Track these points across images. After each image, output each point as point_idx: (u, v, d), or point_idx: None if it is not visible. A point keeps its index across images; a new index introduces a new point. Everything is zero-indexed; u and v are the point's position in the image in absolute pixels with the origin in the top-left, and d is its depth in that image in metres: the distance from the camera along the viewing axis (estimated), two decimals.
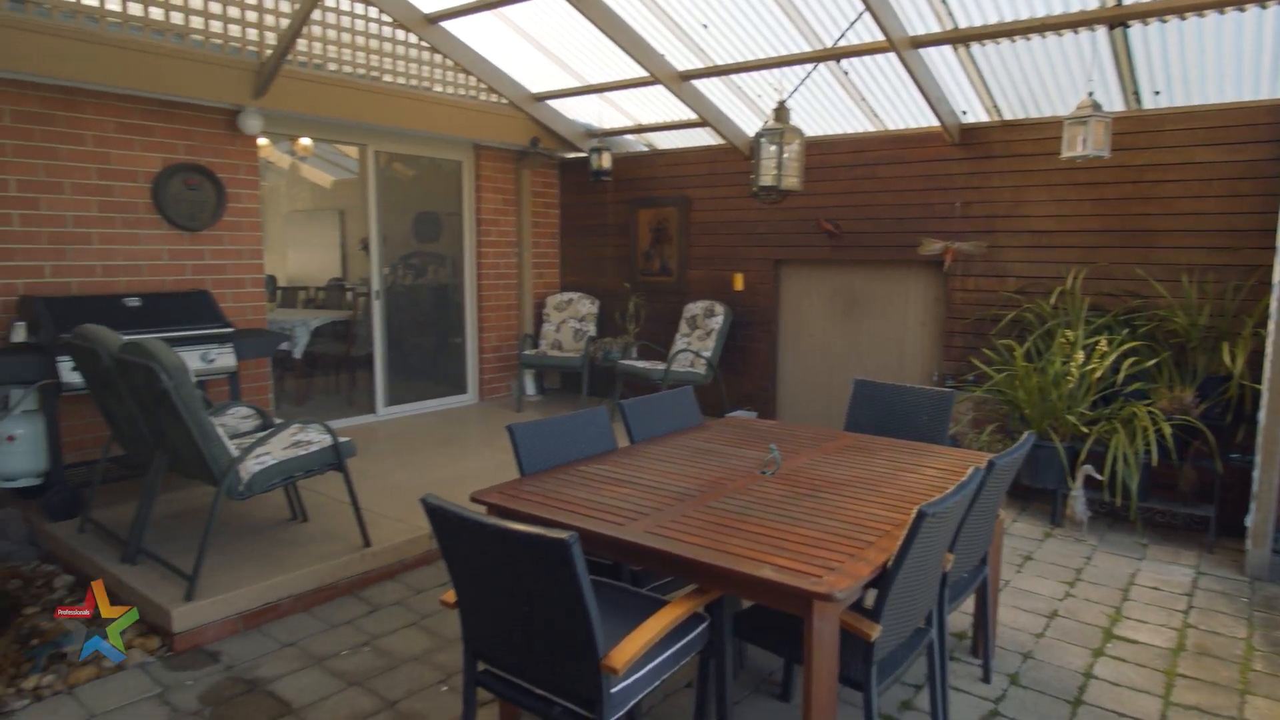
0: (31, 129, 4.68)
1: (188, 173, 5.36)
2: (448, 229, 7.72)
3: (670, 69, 5.92)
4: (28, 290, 4.70)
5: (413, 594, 3.88)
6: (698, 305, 7.13)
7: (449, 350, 7.78)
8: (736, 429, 3.75)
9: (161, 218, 5.28)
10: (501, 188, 7.66)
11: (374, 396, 7.00)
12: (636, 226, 7.69)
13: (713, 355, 6.84)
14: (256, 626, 3.52)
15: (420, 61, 6.40)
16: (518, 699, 2.16)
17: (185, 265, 5.43)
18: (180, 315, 4.80)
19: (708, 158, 7.17)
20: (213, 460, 3.38)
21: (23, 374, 4.17)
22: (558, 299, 7.95)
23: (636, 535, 2.30)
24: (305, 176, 10.35)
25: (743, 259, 7.06)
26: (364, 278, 9.62)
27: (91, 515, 4.19)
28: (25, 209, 4.70)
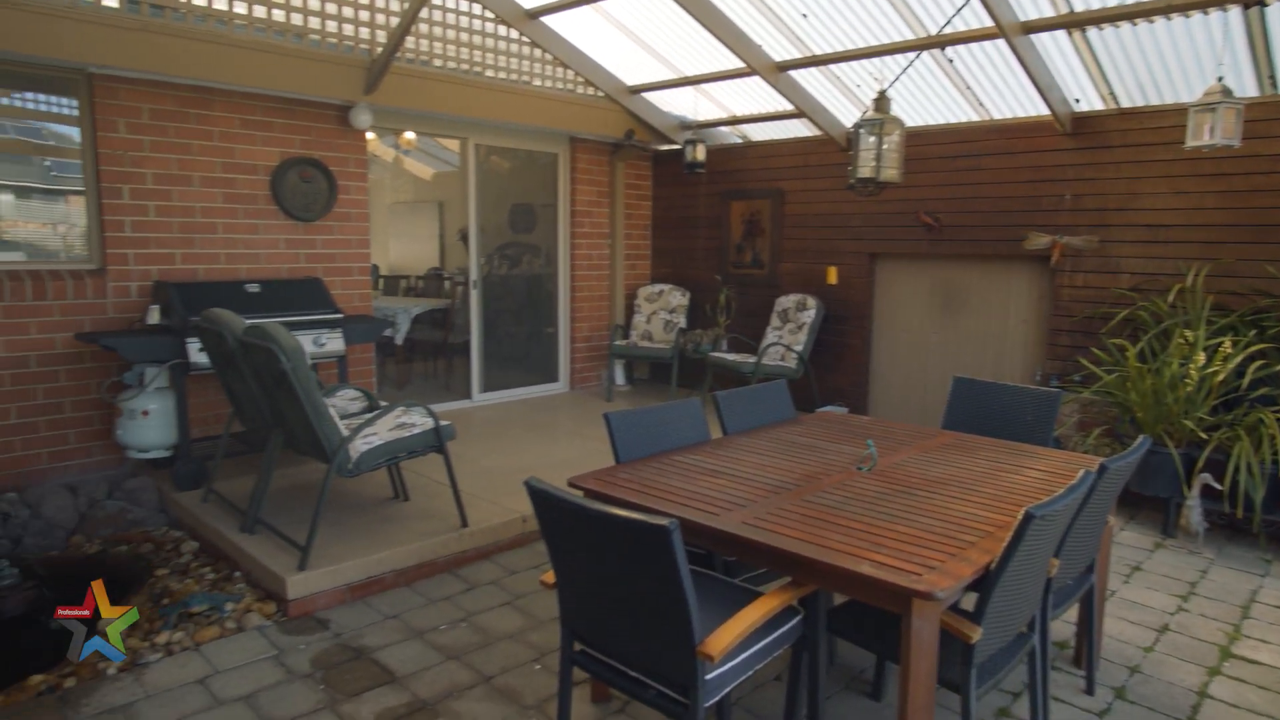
0: (166, 126, 5.03)
1: (303, 166, 5.64)
2: (542, 221, 7.87)
3: (767, 59, 5.87)
4: (161, 276, 5.06)
5: (507, 574, 4.01)
6: (789, 299, 7.07)
7: (541, 339, 7.95)
8: (831, 424, 3.72)
9: (278, 209, 5.58)
10: (596, 180, 7.76)
11: (470, 383, 7.23)
12: (729, 219, 7.66)
13: (804, 349, 6.76)
14: (362, 598, 3.70)
15: (520, 56, 6.54)
16: (612, 679, 2.22)
17: (299, 254, 5.73)
18: (295, 301, 5.07)
19: (802, 149, 7.08)
20: (325, 439, 3.57)
21: (156, 354, 4.50)
22: (649, 290, 8.00)
23: (733, 526, 2.32)
24: (407, 169, 10.73)
25: (836, 252, 6.94)
26: (461, 267, 9.93)
27: (214, 487, 4.49)
28: (160, 200, 5.05)
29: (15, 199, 4.95)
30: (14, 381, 4.60)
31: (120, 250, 4.92)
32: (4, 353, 4.55)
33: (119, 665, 3.09)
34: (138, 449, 4.65)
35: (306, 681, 3.03)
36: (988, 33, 4.86)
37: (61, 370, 4.76)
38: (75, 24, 4.36)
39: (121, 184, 4.89)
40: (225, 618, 3.43)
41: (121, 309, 4.93)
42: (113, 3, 4.53)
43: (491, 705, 2.89)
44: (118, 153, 4.86)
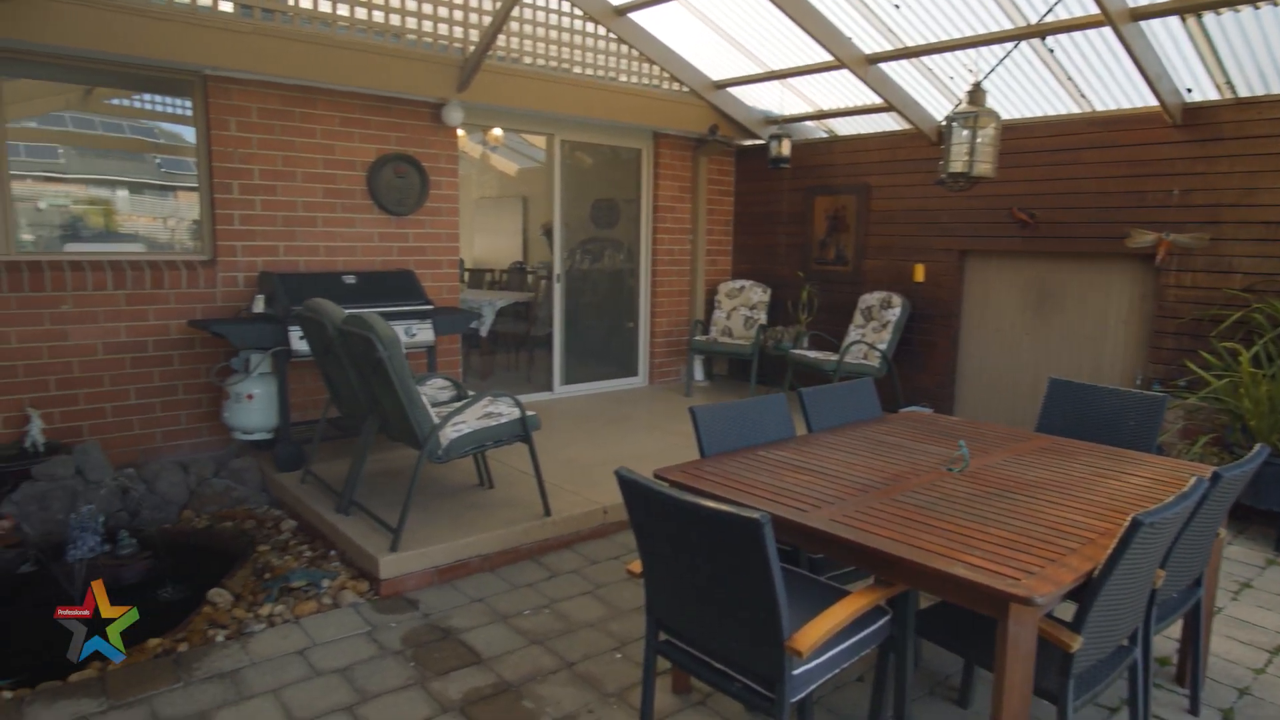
0: (273, 124, 5.27)
1: (397, 162, 5.83)
2: (624, 216, 7.93)
3: (857, 52, 5.77)
4: (265, 267, 5.32)
5: (588, 564, 4.07)
6: (874, 296, 6.93)
7: (621, 334, 8.01)
8: (919, 424, 3.64)
9: (374, 203, 5.78)
10: (678, 175, 7.77)
11: (551, 375, 7.35)
12: (812, 214, 7.56)
13: (888, 348, 6.63)
14: (449, 580, 3.82)
15: (607, 53, 6.60)
16: (697, 670, 2.24)
17: (392, 247, 5.93)
18: (388, 292, 5.25)
19: (890, 144, 6.93)
20: (418, 425, 3.69)
21: (261, 340, 4.73)
22: (729, 286, 7.97)
23: (821, 523, 2.31)
24: (493, 165, 10.96)
25: (924, 249, 6.78)
26: (544, 262, 10.10)
27: (311, 469, 4.70)
28: (265, 195, 5.30)
29: (131, 194, 5.28)
30: (134, 365, 4.92)
31: (229, 242, 5.20)
32: (126, 337, 4.87)
33: (226, 633, 3.28)
34: (242, 431, 4.90)
35: (397, 658, 3.15)
36: (1093, 20, 4.66)
37: (175, 355, 5.06)
38: (193, 28, 4.62)
39: (231, 180, 5.16)
40: (322, 594, 3.59)
41: (229, 298, 5.20)
42: (227, 7, 4.78)
43: (574, 690, 2.95)
44: (229, 150, 5.12)
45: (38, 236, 4.84)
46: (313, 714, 2.78)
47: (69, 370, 4.72)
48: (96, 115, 5.14)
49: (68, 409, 4.73)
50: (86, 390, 4.78)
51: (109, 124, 5.18)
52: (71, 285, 4.67)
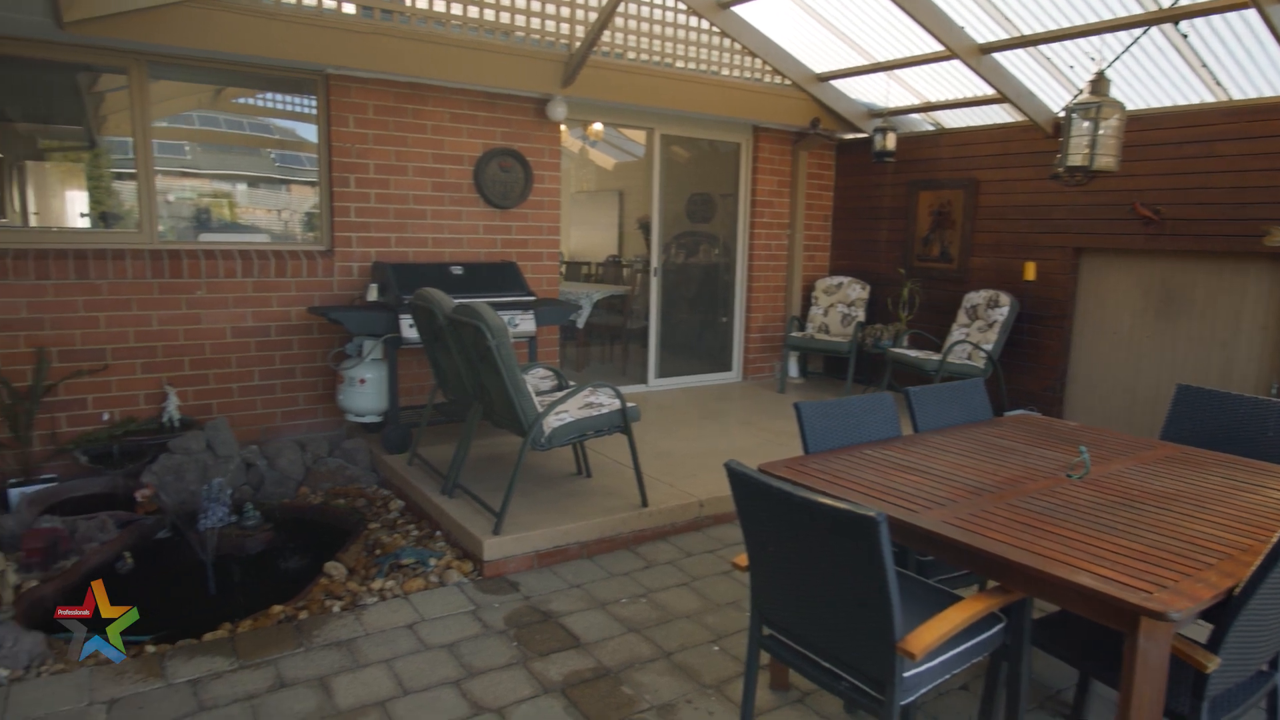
0: (387, 120, 5.49)
1: (502, 156, 5.98)
2: (720, 210, 7.91)
3: (969, 41, 5.57)
4: (378, 258, 5.55)
5: (683, 556, 4.09)
6: (979, 294, 6.70)
7: (715, 328, 8.00)
8: (1032, 427, 3.51)
9: (479, 196, 5.95)
10: (778, 169, 7.69)
11: (646, 368, 7.41)
12: (915, 210, 7.36)
13: (994, 348, 6.39)
14: (548, 566, 3.91)
15: (709, 46, 6.59)
16: (802, 667, 2.23)
17: (495, 239, 6.09)
18: (493, 283, 5.40)
19: (1000, 136, 6.67)
20: (523, 413, 3.79)
21: (374, 328, 4.95)
22: (827, 283, 7.85)
23: (933, 524, 2.26)
24: (591, 159, 11.09)
25: (1035, 246, 6.50)
26: (639, 255, 10.17)
27: (418, 451, 4.88)
28: (379, 189, 5.53)
29: (251, 188, 5.61)
30: (258, 348, 5.22)
31: (345, 234, 5.45)
32: (252, 322, 5.17)
33: (341, 604, 3.46)
34: (354, 413, 5.14)
35: (501, 638, 3.25)
36: (1234, 2, 4.37)
37: (295, 340, 5.34)
38: (317, 30, 4.85)
39: (349, 174, 5.40)
40: (429, 572, 3.74)
41: (345, 286, 5.45)
42: (350, 9, 5.00)
43: (671, 680, 2.98)
44: (347, 145, 5.36)
45: (170, 228, 5.19)
46: (423, 685, 2.90)
47: (201, 351, 5.05)
48: (223, 114, 5.47)
49: (199, 388, 5.07)
50: (216, 371, 5.10)
51: (232, 121, 5.51)
52: (205, 273, 4.99)
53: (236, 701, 2.78)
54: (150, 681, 2.88)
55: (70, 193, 5.55)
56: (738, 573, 3.89)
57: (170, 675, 2.92)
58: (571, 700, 2.84)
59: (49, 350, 4.60)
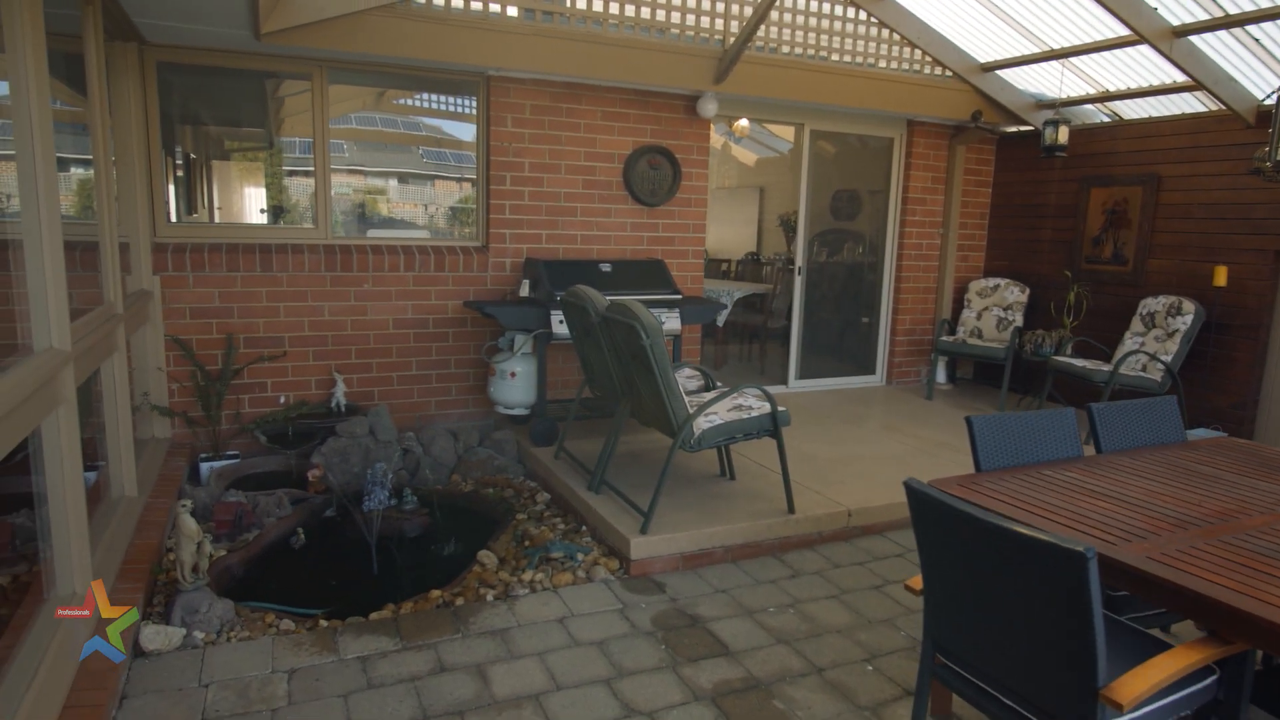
0: (542, 119, 5.62)
1: (652, 154, 6.00)
2: (867, 207, 7.64)
3: (1160, 24, 5.10)
4: (530, 254, 5.69)
5: (831, 567, 3.97)
6: (1158, 301, 6.14)
7: (858, 330, 7.74)
8: (1236, 453, 3.17)
9: (628, 194, 6.00)
10: (932, 165, 7.34)
11: (787, 368, 7.26)
12: (1085, 208, 6.84)
13: (1173, 360, 5.85)
14: (693, 568, 3.89)
15: (865, 38, 6.35)
16: (980, 703, 2.09)
17: (642, 236, 6.12)
18: (640, 280, 5.43)
19: (1190, 128, 6.08)
20: (674, 414, 3.78)
21: (526, 323, 5.08)
22: (982, 284, 7.43)
23: (1136, 559, 2.06)
24: (733, 155, 11.00)
25: (1227, 248, 5.89)
26: (778, 253, 10.00)
27: (565, 445, 4.98)
28: (533, 186, 5.67)
29: (406, 184, 5.89)
30: (416, 339, 5.48)
31: (500, 230, 5.62)
32: (412, 314, 5.43)
33: (494, 593, 3.56)
34: (504, 405, 5.30)
35: (649, 639, 3.26)
36: None
37: (450, 332, 5.57)
38: (484, 34, 5.02)
39: (505, 172, 5.57)
40: (577, 566, 3.80)
41: (498, 281, 5.63)
42: (514, 12, 5.14)
43: (825, 698, 2.89)
44: (504, 144, 5.53)
45: (339, 223, 5.52)
46: (575, 682, 2.94)
47: (366, 342, 5.35)
48: (383, 114, 5.77)
49: (364, 375, 5.37)
50: (379, 360, 5.39)
51: (387, 120, 5.81)
52: (372, 267, 5.28)
53: (401, 682, 2.91)
54: (325, 655, 3.06)
55: (249, 189, 6.02)
56: (891, 588, 3.74)
57: (342, 651, 3.09)
58: (722, 710, 2.80)
59: (237, 337, 5.00)
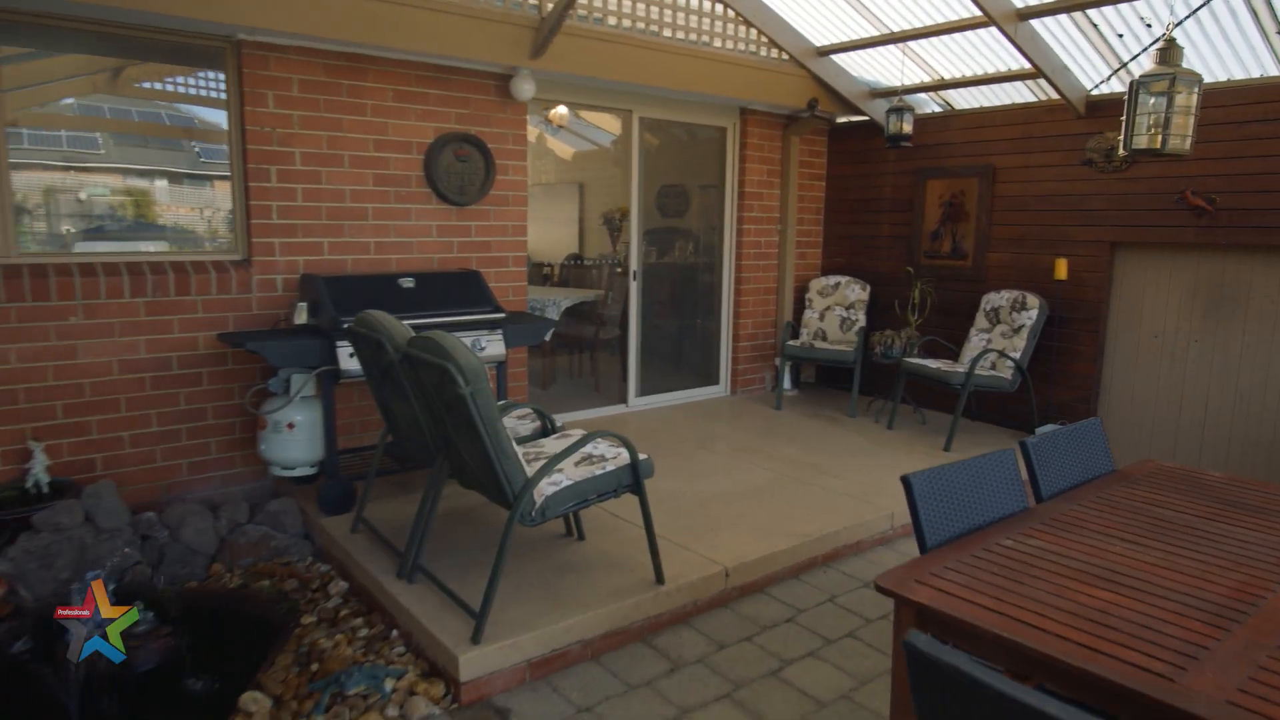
0: (317, 99, 4.46)
1: (459, 143, 4.99)
2: (696, 203, 7.04)
3: (1007, 6, 4.79)
4: (308, 268, 4.51)
5: (714, 649, 3.20)
6: (1001, 296, 5.96)
7: (699, 336, 7.14)
8: (1177, 483, 2.71)
9: (432, 191, 4.96)
10: (767, 157, 6.84)
11: (626, 385, 6.49)
12: (922, 201, 6.59)
13: (1022, 356, 5.66)
14: (545, 677, 2.98)
15: (700, 13, 5.68)
16: None
17: (452, 242, 5.10)
18: (452, 297, 4.42)
19: (1023, 118, 5.93)
20: (507, 480, 2.85)
21: (304, 358, 3.93)
22: (822, 283, 7.04)
23: (1216, 710, 1.41)
24: (550, 148, 10.11)
25: (1065, 241, 5.78)
26: (602, 254, 9.24)
27: (364, 514, 3.89)
28: (308, 183, 4.49)
29: (150, 184, 4.51)
30: (155, 385, 4.15)
31: (266, 239, 4.40)
32: (146, 353, 4.10)
33: None
34: (282, 465, 4.11)
35: None
36: None
37: (204, 374, 4.28)
38: None
39: (269, 165, 4.35)
40: (386, 700, 2.77)
41: (267, 304, 4.41)
42: None
43: None
44: (266, 130, 4.32)
45: (42, 235, 4.08)
46: None
47: (79, 394, 3.96)
48: (113, 98, 4.36)
49: (78, 439, 3.97)
50: (100, 417, 4.02)
51: (117, 110, 4.40)
52: (81, 293, 3.90)
53: None
54: None
55: None
56: (792, 672, 3.02)
57: None
58: None
59: None
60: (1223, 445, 5.27)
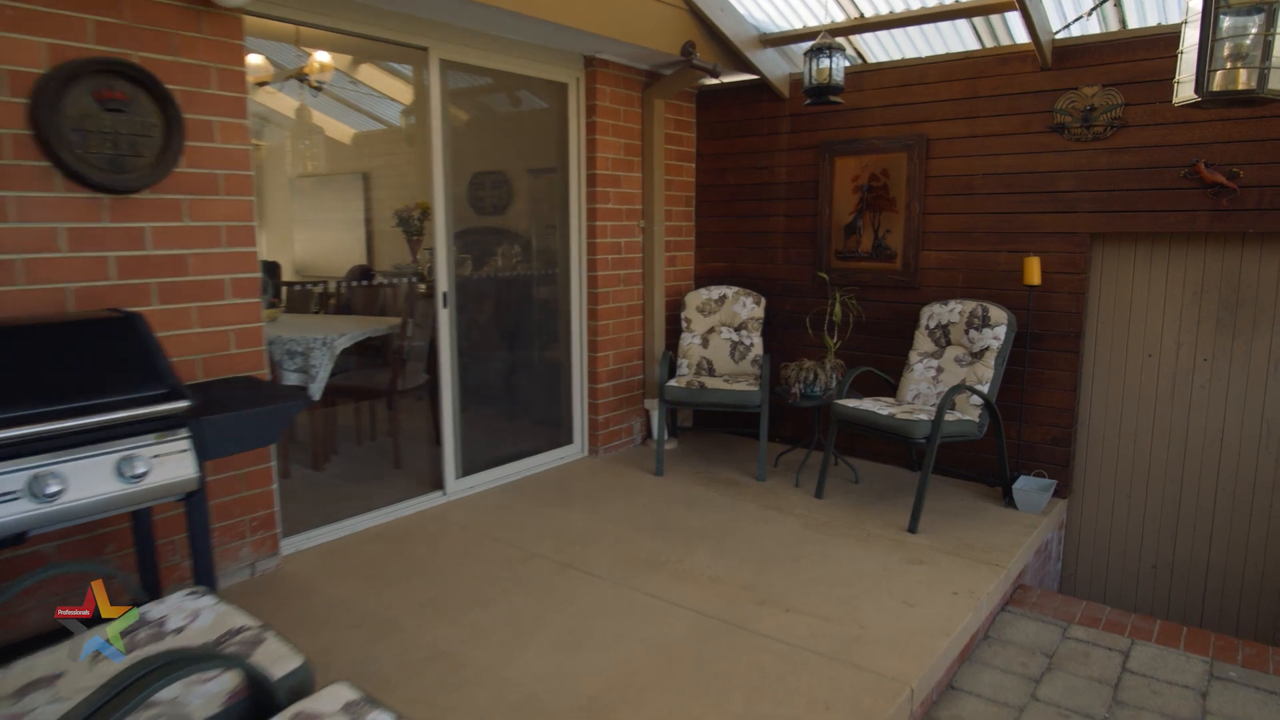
0: None
1: (103, 79, 2.69)
2: (524, 195, 5.08)
3: None
4: None
5: None
6: (950, 308, 4.47)
7: (541, 377, 5.15)
8: None
9: (53, 165, 2.63)
10: (623, 127, 4.97)
11: (441, 461, 4.35)
12: (830, 185, 5.00)
13: (991, 390, 4.19)
14: None
15: None
16: None
17: (106, 261, 2.79)
18: (72, 378, 2.14)
19: (967, 71, 4.47)
20: None
21: None
22: (702, 297, 5.28)
23: None
24: (318, 126, 7.66)
25: (1025, 233, 4.38)
26: (400, 265, 7.00)
27: None
28: None
29: None
30: None
31: None
32: None
33: None
34: None
35: None
36: None
37: None
38: None
39: None
40: None
41: None
42: None
43: None
44: None
45: None
46: None
47: None
48: None
49: None
50: None
51: None
52: None
53: None
54: None
55: None
56: None
57: None
58: None
59: None
60: (1244, 497, 4.04)
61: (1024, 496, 4.20)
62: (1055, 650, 3.24)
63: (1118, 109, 4.02)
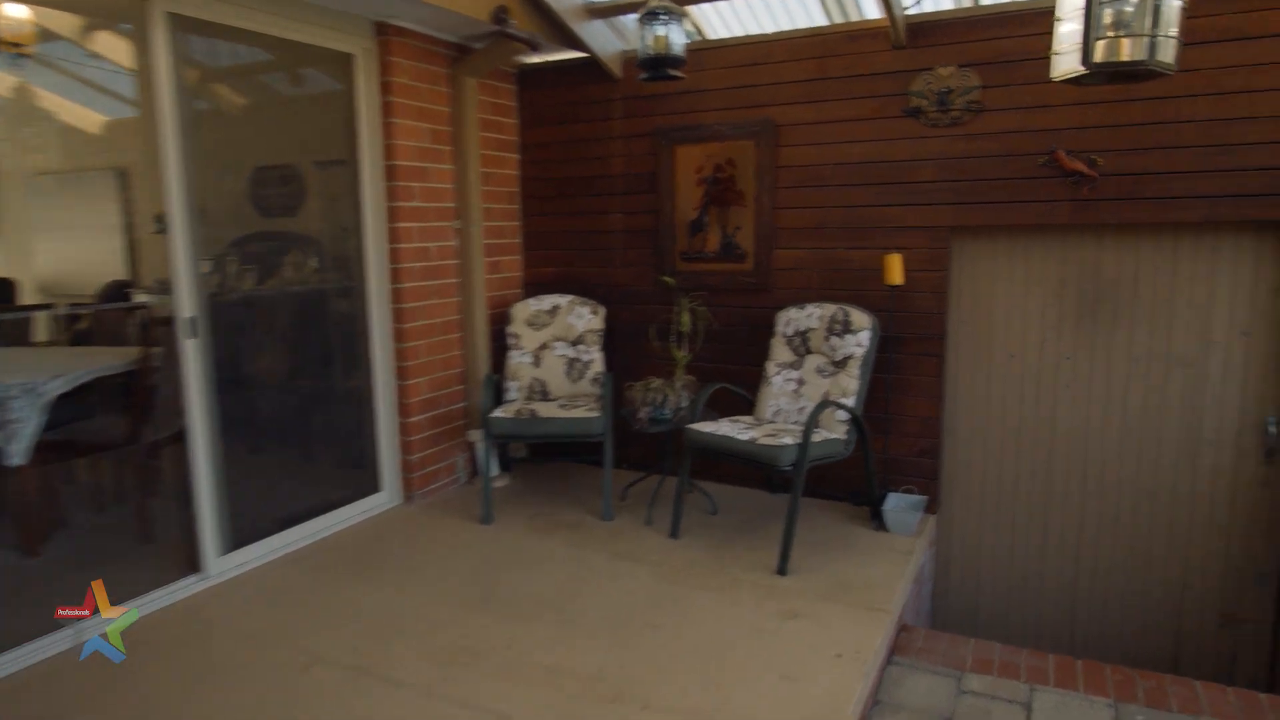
0: None
1: None
2: (321, 190, 4.17)
3: None
4: None
5: None
6: (809, 313, 4.00)
7: (340, 411, 4.25)
8: None
9: None
10: (429, 110, 4.15)
11: (196, 532, 3.35)
12: (671, 177, 4.41)
13: (857, 403, 3.75)
14: None
15: None
16: None
17: None
18: None
19: (816, 49, 4.01)
20: None
21: None
22: (531, 308, 4.55)
23: None
24: (53, 112, 6.27)
25: (881, 228, 3.99)
26: (163, 280, 5.80)
27: None
28: None
29: None
30: None
31: None
32: None
33: None
34: None
35: None
36: None
37: None
38: None
39: None
40: None
41: None
42: None
43: None
44: None
45: None
46: None
47: None
48: None
49: None
50: None
51: None
52: None
53: None
54: None
55: None
56: None
57: None
58: None
59: None
60: (1110, 499, 3.82)
61: (895, 518, 3.79)
62: (954, 712, 2.78)
63: (974, 91, 3.68)
